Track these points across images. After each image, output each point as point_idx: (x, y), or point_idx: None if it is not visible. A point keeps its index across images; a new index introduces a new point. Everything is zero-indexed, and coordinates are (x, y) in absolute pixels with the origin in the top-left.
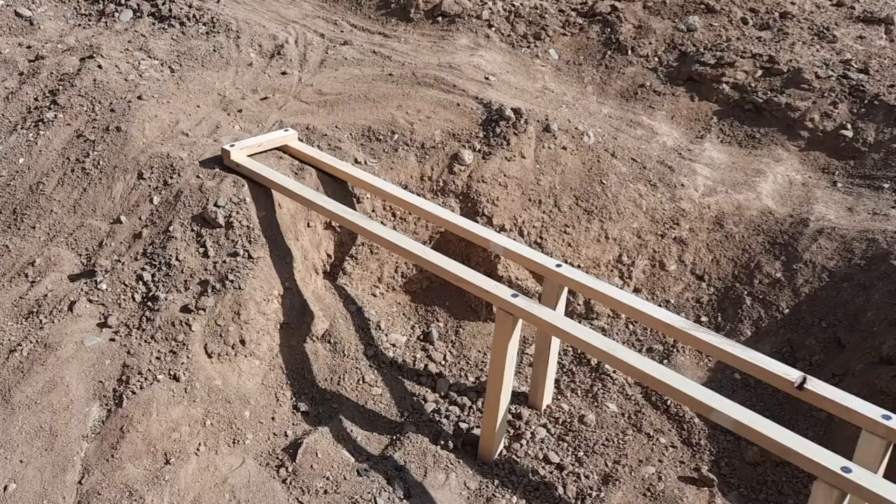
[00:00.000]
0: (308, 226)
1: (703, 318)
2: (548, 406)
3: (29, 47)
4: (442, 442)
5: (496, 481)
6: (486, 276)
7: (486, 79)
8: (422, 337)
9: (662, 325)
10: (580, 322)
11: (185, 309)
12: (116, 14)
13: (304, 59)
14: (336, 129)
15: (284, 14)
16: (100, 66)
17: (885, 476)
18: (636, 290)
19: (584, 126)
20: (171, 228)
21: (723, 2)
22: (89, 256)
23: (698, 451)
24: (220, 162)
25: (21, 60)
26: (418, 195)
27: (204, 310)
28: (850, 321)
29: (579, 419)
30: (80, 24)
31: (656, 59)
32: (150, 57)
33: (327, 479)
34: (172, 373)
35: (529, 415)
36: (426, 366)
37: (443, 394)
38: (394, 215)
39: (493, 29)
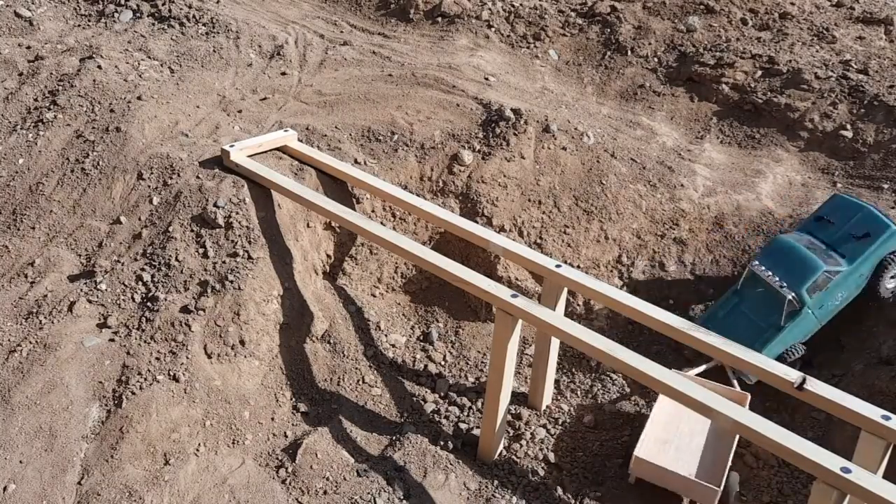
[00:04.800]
0: (308, 226)
1: None
2: (547, 406)
3: (29, 48)
4: (442, 442)
5: (496, 482)
6: (485, 276)
7: (486, 79)
8: (421, 337)
9: (662, 325)
10: (580, 322)
11: (185, 309)
12: (116, 14)
13: (303, 59)
14: (336, 130)
15: (284, 14)
16: (99, 67)
17: (885, 476)
18: (636, 291)
19: (583, 126)
20: (170, 229)
21: (722, 2)
22: (89, 257)
23: None
24: (220, 162)
25: (21, 61)
26: (418, 196)
27: (203, 310)
28: (850, 321)
29: (579, 419)
30: (79, 25)
31: (656, 59)
32: (149, 57)
33: (327, 479)
34: (172, 373)
35: (529, 415)
36: (426, 366)
37: (442, 394)
38: (393, 216)
39: (493, 29)
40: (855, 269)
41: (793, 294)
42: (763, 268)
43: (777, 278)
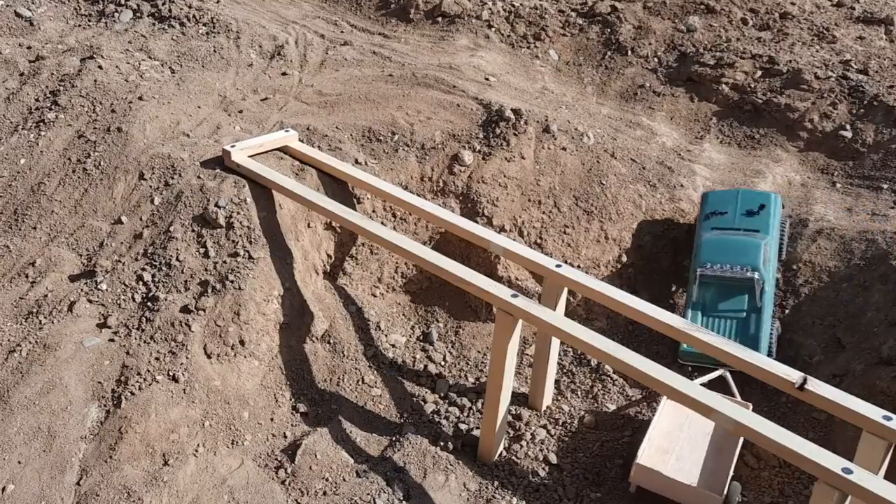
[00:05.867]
0: (308, 226)
1: None
2: (548, 407)
3: (29, 48)
4: (441, 443)
5: (496, 483)
6: (486, 276)
7: (486, 79)
8: (421, 337)
9: (662, 325)
10: (580, 322)
11: (185, 309)
12: (116, 14)
13: (304, 59)
14: (336, 130)
15: (284, 15)
16: (100, 67)
17: (886, 477)
18: (636, 291)
19: (583, 127)
20: (171, 229)
21: (723, 2)
22: (90, 257)
23: None
24: (221, 162)
25: (21, 61)
26: (418, 196)
27: (204, 310)
28: (850, 321)
29: (579, 420)
30: (80, 25)
31: (656, 59)
32: (150, 57)
33: (326, 480)
34: (171, 373)
35: (529, 416)
36: (426, 366)
37: (442, 395)
38: (394, 216)
39: (493, 29)
40: (773, 235)
41: (756, 273)
42: (712, 267)
43: (734, 267)
